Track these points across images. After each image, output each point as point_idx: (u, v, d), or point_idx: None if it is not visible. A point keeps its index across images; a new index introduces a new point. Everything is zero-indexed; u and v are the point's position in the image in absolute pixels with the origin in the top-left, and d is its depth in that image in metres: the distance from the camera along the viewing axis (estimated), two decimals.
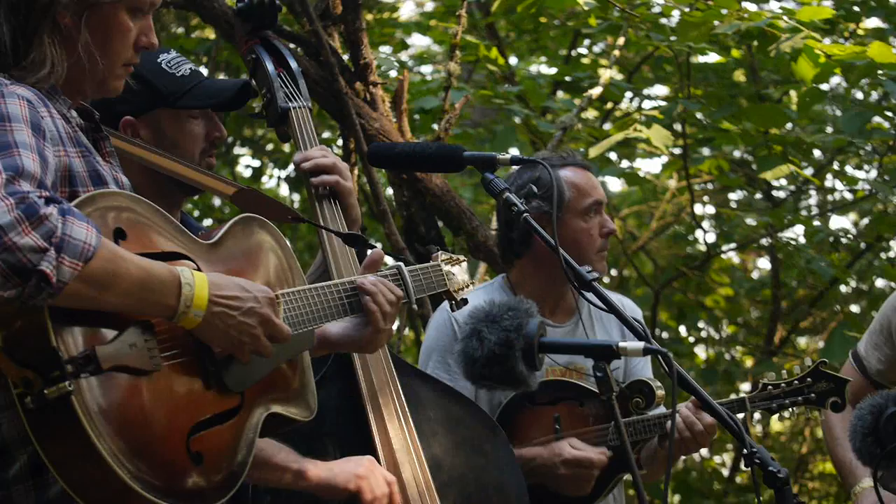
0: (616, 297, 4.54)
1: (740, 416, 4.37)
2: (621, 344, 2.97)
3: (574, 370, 4.44)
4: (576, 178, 4.53)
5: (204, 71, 5.36)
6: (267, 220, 3.11)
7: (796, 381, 4.16)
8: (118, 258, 2.57)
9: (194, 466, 2.72)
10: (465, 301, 3.82)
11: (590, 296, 3.37)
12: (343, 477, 3.60)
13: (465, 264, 3.96)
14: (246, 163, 10.87)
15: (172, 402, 2.70)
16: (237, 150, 10.63)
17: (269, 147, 10.49)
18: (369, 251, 3.54)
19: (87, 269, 2.49)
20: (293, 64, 4.09)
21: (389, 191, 7.09)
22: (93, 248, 2.50)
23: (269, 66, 4.04)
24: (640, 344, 3.00)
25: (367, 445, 3.76)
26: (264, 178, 10.92)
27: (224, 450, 2.80)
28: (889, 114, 7.74)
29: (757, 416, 4.37)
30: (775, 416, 4.35)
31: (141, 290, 2.61)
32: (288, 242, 3.12)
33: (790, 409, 4.22)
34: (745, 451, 3.09)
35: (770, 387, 4.19)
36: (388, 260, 3.60)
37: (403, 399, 3.85)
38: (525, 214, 3.54)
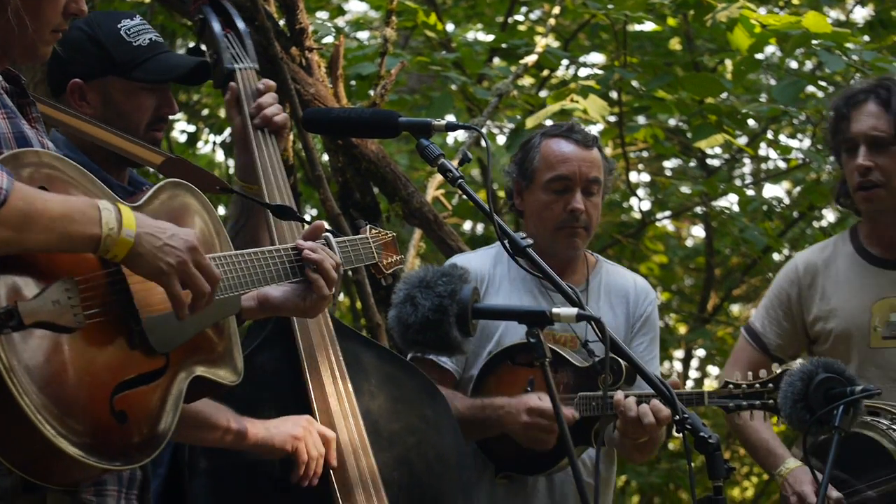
0: (630, 276, 4.65)
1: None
2: (555, 310, 2.98)
3: (568, 337, 4.45)
4: (548, 150, 4.53)
5: None
6: (193, 186, 3.09)
7: (758, 385, 4.19)
8: (34, 198, 2.56)
9: (118, 425, 2.70)
10: (393, 277, 3.83)
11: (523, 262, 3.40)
12: (280, 438, 3.61)
13: (395, 241, 3.96)
14: (181, 128, 10.80)
15: (96, 361, 2.68)
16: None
17: (205, 112, 10.42)
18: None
19: (2, 211, 2.48)
20: (241, 25, 4.09)
21: (325, 157, 7.06)
22: (5, 192, 2.49)
23: (216, 27, 4.03)
24: (574, 310, 3.01)
25: (306, 408, 3.77)
26: (200, 144, 10.85)
27: (148, 410, 2.79)
28: (823, 83, 7.79)
29: (690, 383, 4.40)
30: (707, 384, 4.38)
31: (62, 223, 2.60)
32: (212, 207, 3.10)
33: (748, 411, 4.24)
34: (676, 417, 3.11)
35: (731, 386, 4.21)
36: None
37: (343, 363, 3.86)
38: (460, 181, 3.54)
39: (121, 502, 3.19)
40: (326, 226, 3.46)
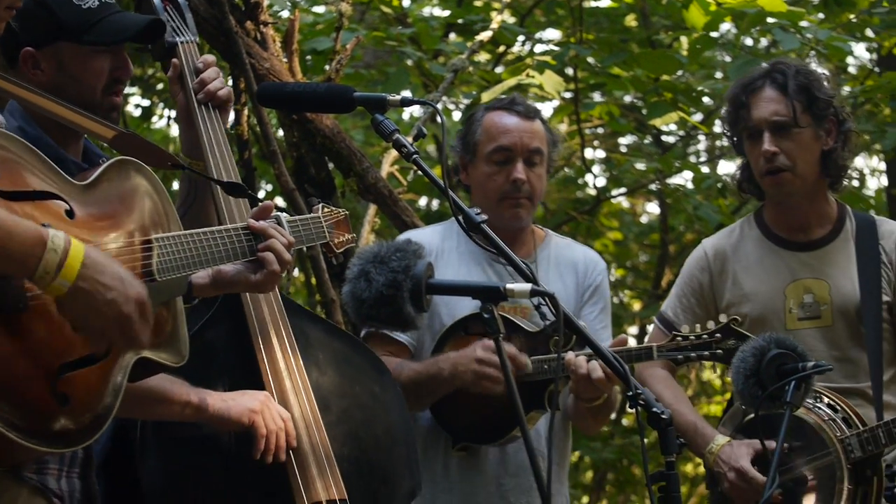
0: (580, 248, 4.64)
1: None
2: (509, 285, 2.98)
3: (519, 308, 4.46)
4: (489, 122, 4.54)
5: None
6: (143, 164, 3.07)
7: (706, 336, 4.20)
8: None
9: (60, 408, 2.69)
10: (345, 255, 3.83)
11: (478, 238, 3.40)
12: (237, 410, 3.60)
13: (347, 219, 3.96)
14: (135, 102, 10.74)
15: (39, 343, 2.66)
16: (126, 89, 10.48)
17: (160, 87, 10.37)
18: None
19: None
20: None
21: (281, 133, 7.04)
22: None
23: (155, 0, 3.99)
24: (527, 286, 3.01)
25: (257, 383, 3.75)
26: (154, 118, 10.80)
27: (91, 392, 2.77)
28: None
29: None
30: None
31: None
32: (164, 187, 3.08)
33: (697, 362, 4.25)
34: (629, 392, 3.12)
35: (680, 338, 4.22)
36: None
37: (293, 338, 3.85)
38: (415, 156, 3.54)
39: (61, 481, 3.19)
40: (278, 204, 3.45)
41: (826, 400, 4.41)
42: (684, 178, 9.46)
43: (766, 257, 4.69)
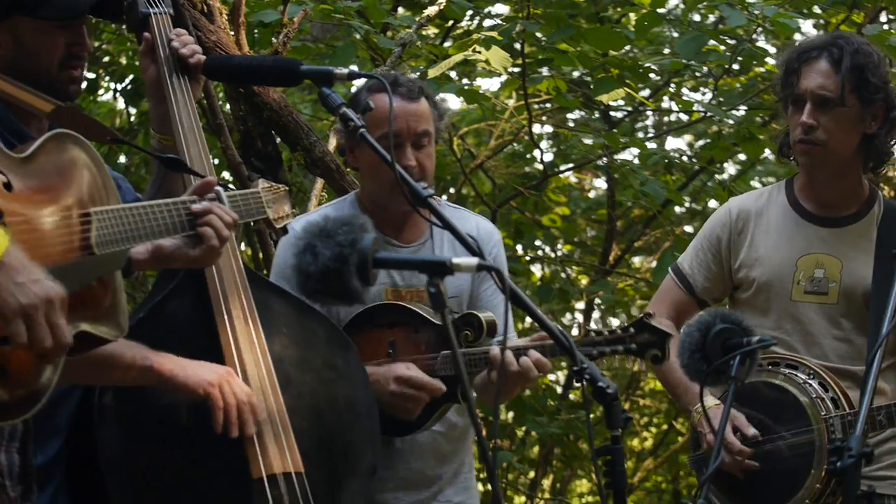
0: (474, 219, 4.57)
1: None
2: (455, 260, 2.97)
3: (415, 291, 4.44)
4: (376, 107, 4.41)
5: None
6: (82, 137, 3.04)
7: (619, 331, 4.20)
8: None
9: None
10: (284, 231, 3.82)
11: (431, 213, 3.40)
12: (194, 380, 3.60)
13: (287, 195, 3.94)
14: None
15: None
16: None
17: (106, 59, 10.29)
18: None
19: None
20: None
21: (228, 106, 7.01)
22: None
23: None
24: (474, 260, 3.01)
25: (219, 356, 3.76)
26: (100, 91, 10.72)
27: (29, 366, 2.73)
28: (724, 37, 7.84)
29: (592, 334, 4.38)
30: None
31: None
32: (102, 161, 3.06)
33: (612, 357, 4.25)
34: (575, 367, 3.13)
35: (593, 333, 4.22)
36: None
37: (255, 310, 3.85)
38: (361, 130, 3.53)
39: (0, 455, 3.18)
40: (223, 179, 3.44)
41: (818, 379, 4.43)
42: (632, 154, 9.48)
43: (787, 225, 4.69)
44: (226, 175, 7.34)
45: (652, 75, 9.16)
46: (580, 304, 11.57)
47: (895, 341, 4.57)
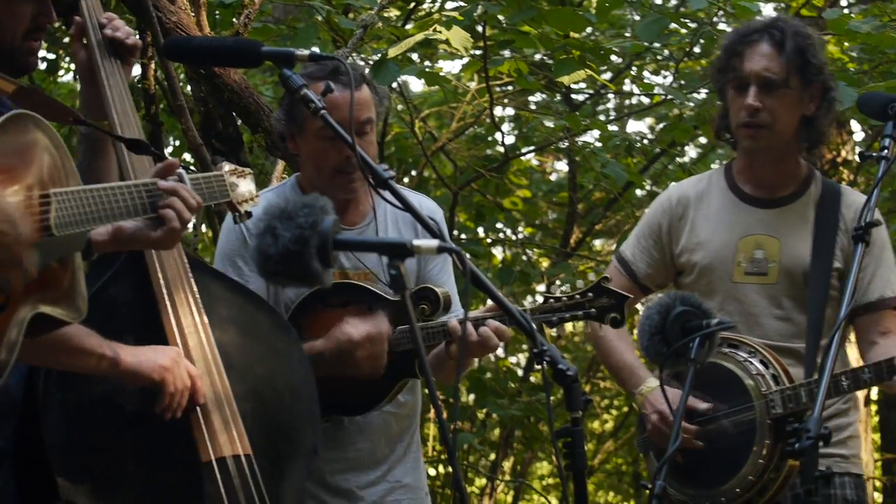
0: (415, 197, 4.53)
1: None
2: (415, 242, 2.96)
3: (362, 274, 4.43)
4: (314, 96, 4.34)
5: None
6: (42, 119, 3.02)
7: (577, 296, 4.20)
8: None
9: None
10: (248, 214, 3.81)
11: (386, 194, 3.40)
12: (148, 366, 3.58)
13: (251, 177, 3.93)
14: (41, 55, 10.57)
15: None
16: None
17: (66, 40, 10.23)
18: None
19: None
20: None
21: (189, 88, 6.98)
22: None
23: None
24: (435, 242, 3.00)
25: (162, 341, 3.74)
26: (60, 72, 10.66)
27: None
28: (686, 20, 7.86)
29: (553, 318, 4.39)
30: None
31: None
32: (63, 142, 3.04)
33: (571, 323, 4.25)
34: (535, 349, 3.13)
35: (552, 300, 4.22)
36: None
37: (198, 296, 3.83)
38: (322, 112, 3.52)
39: None
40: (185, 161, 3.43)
41: (759, 357, 4.46)
42: (593, 137, 9.49)
43: (726, 209, 4.73)
44: (186, 157, 7.32)
45: (613, 58, 9.17)
46: (541, 287, 11.59)
47: (835, 319, 4.63)
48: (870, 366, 4.32)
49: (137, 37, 3.96)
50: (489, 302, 3.87)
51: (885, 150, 3.95)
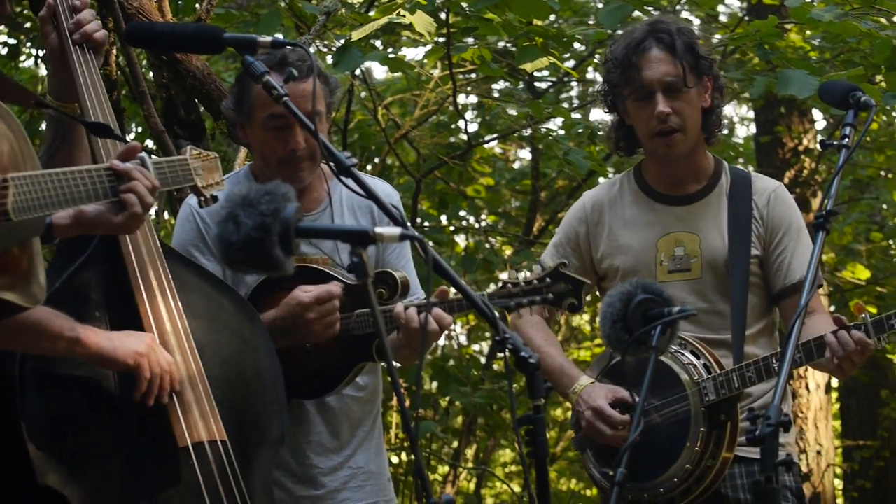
0: (372, 183, 4.53)
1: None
2: (377, 229, 2.96)
3: (318, 260, 4.43)
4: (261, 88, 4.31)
5: None
6: (2, 105, 3.00)
7: (535, 281, 4.21)
8: None
9: None
10: (214, 198, 3.80)
11: (349, 181, 3.40)
12: (123, 351, 3.57)
13: (217, 162, 3.92)
14: (2, 40, 10.54)
15: None
16: None
17: (28, 25, 10.17)
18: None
19: None
20: None
21: (151, 74, 6.95)
22: None
23: None
24: (397, 230, 3.00)
25: (135, 326, 3.74)
26: (22, 58, 10.60)
27: None
28: (648, 8, 7.87)
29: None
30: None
31: None
32: (22, 127, 3.02)
33: (528, 308, 4.26)
34: (497, 337, 3.13)
35: (510, 285, 4.23)
36: None
37: (172, 282, 3.83)
38: (285, 98, 3.51)
39: None
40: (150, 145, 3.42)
41: (690, 348, 4.49)
42: (556, 125, 9.50)
43: (642, 211, 4.76)
44: (149, 143, 7.29)
45: (576, 45, 9.17)
46: (504, 275, 11.61)
47: (762, 306, 4.66)
48: (799, 345, 4.35)
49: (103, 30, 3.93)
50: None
51: (846, 139, 3.97)
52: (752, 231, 4.65)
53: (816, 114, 11.17)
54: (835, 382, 12.49)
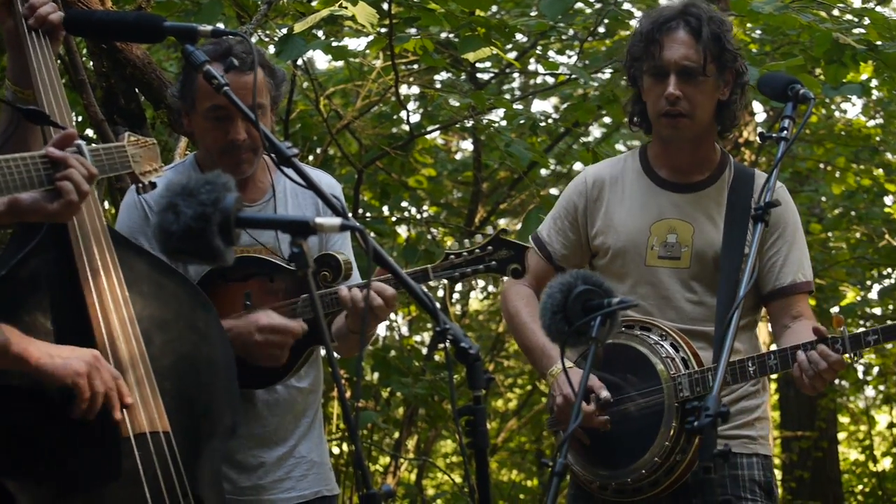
0: (314, 173, 4.52)
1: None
2: (318, 220, 2.95)
3: (260, 250, 4.42)
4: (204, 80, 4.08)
5: None
6: None
7: (477, 250, 4.23)
8: None
9: None
10: (153, 185, 3.78)
11: (289, 172, 3.39)
12: (62, 372, 3.52)
13: (156, 148, 3.89)
14: None
15: None
16: None
17: None
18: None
19: None
20: None
21: (91, 63, 6.90)
22: None
23: None
24: (337, 220, 2.99)
25: (83, 315, 3.72)
26: None
27: None
28: (591, 0, 7.90)
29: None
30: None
31: None
32: None
33: (473, 278, 4.27)
34: (438, 328, 3.14)
35: (452, 256, 4.24)
36: None
37: (118, 263, 3.80)
38: (225, 88, 3.50)
39: None
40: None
41: (670, 340, 4.50)
42: (498, 116, 9.51)
43: (641, 192, 4.75)
44: (89, 133, 7.24)
45: (519, 37, 9.18)
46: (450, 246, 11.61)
47: (748, 304, 4.67)
48: (776, 352, 4.37)
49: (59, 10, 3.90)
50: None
51: (785, 131, 3.99)
52: (748, 228, 4.63)
53: (757, 106, 11.25)
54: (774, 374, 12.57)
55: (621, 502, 4.54)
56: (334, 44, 8.78)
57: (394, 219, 11.14)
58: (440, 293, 12.14)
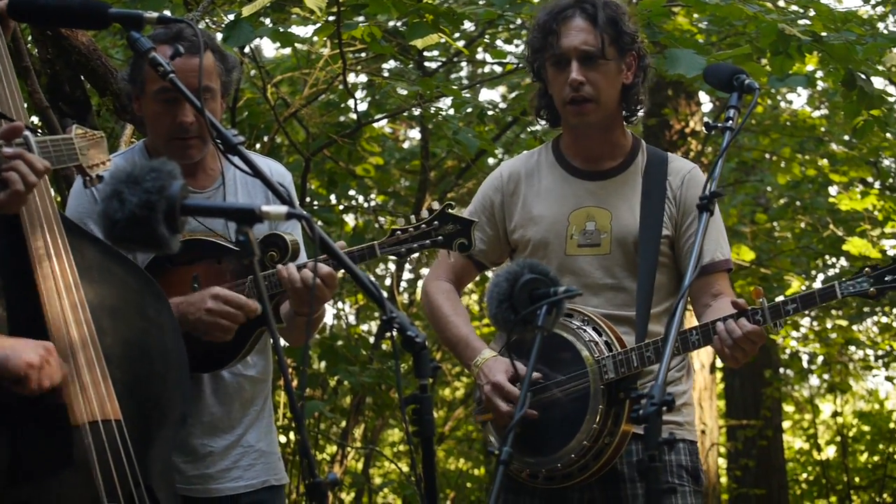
0: (264, 162, 4.52)
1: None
2: (264, 208, 2.95)
3: (208, 233, 4.41)
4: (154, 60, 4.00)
5: None
6: None
7: (424, 225, 4.24)
8: None
9: None
10: (100, 178, 3.76)
11: (235, 160, 3.38)
12: (15, 363, 3.53)
13: (103, 142, 3.88)
14: None
15: None
16: None
17: None
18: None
19: None
20: None
21: (36, 50, 6.85)
22: None
23: None
24: (283, 208, 2.99)
25: (34, 301, 3.72)
26: None
27: None
28: None
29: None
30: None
31: None
32: None
33: (420, 252, 4.28)
34: (385, 317, 3.14)
35: (399, 232, 4.26)
36: None
37: (71, 255, 3.79)
38: (171, 75, 3.49)
39: None
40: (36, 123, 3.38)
41: (593, 325, 4.52)
42: (446, 105, 9.51)
43: (557, 184, 4.78)
44: (34, 120, 7.18)
45: (467, 25, 9.17)
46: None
47: (670, 286, 4.71)
48: (697, 328, 4.42)
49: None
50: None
51: (730, 121, 4.01)
52: (664, 211, 4.68)
53: (703, 96, 11.30)
54: (720, 363, 12.64)
55: (552, 489, 4.55)
56: (281, 30, 8.75)
57: (341, 207, 11.12)
58: (387, 282, 12.15)
